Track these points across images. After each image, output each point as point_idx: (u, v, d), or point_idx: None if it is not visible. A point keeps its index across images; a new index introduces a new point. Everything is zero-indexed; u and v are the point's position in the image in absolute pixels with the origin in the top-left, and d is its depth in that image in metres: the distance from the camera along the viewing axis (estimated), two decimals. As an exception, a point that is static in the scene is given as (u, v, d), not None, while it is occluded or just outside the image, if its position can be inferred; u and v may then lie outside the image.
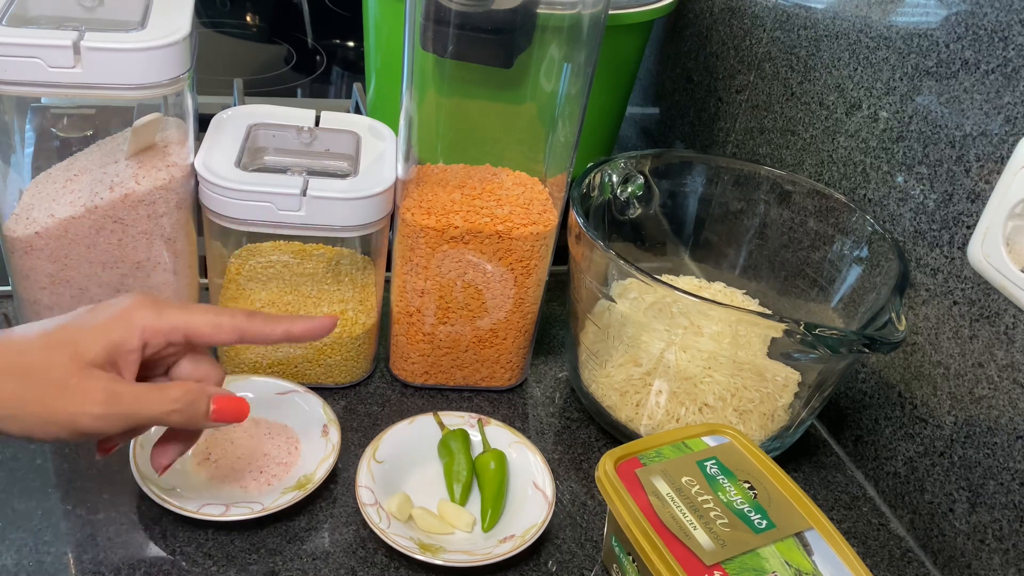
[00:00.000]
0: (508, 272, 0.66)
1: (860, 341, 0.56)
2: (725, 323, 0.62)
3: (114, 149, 0.62)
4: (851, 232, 0.70)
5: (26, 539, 0.55)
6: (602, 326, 0.69)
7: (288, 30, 1.51)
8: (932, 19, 0.64)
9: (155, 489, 0.56)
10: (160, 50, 0.56)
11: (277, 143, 0.68)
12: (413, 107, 0.61)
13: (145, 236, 0.62)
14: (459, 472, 0.62)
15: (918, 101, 0.65)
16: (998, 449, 0.59)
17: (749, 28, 0.86)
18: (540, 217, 0.65)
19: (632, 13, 0.79)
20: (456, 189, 0.65)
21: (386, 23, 0.80)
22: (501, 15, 0.58)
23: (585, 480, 0.66)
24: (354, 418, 0.68)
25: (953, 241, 0.62)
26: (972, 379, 0.61)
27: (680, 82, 1.00)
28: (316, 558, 0.57)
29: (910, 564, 0.64)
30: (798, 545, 0.50)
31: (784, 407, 0.66)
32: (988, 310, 0.59)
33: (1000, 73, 0.58)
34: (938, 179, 0.63)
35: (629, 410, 0.67)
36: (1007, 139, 0.57)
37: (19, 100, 0.59)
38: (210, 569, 0.55)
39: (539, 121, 0.65)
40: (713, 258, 0.80)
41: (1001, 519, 0.59)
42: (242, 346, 0.67)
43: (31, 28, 0.55)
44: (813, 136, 0.77)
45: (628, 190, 0.74)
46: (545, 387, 0.75)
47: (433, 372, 0.71)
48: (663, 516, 0.51)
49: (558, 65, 0.61)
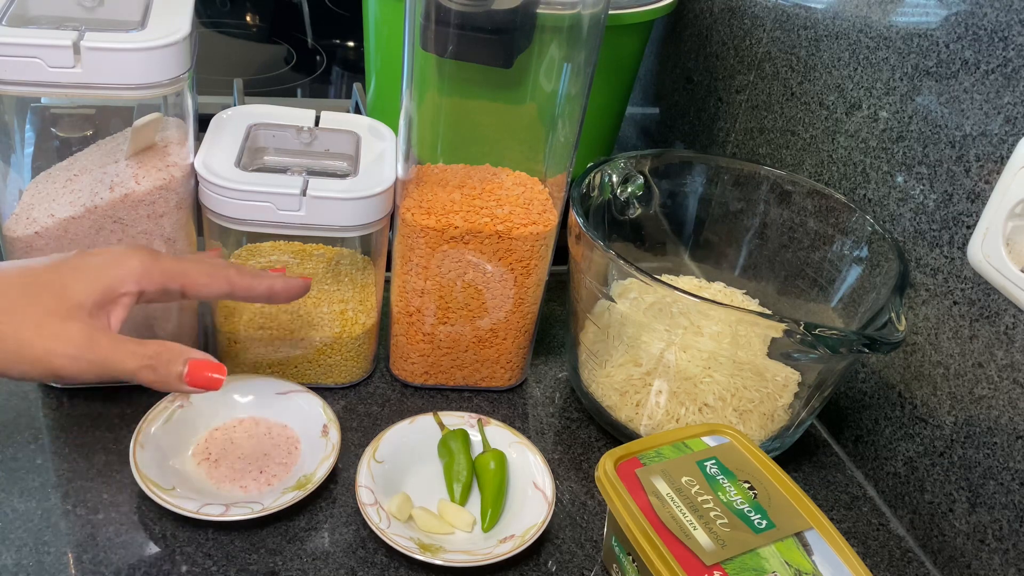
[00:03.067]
0: (508, 272, 0.66)
1: (860, 341, 0.56)
2: (725, 323, 0.62)
3: (114, 149, 0.62)
4: (851, 232, 0.70)
5: (26, 539, 0.55)
6: (602, 326, 0.69)
7: (288, 30, 1.51)
8: (932, 19, 0.64)
9: (155, 489, 0.56)
10: (160, 50, 0.56)
11: (277, 143, 0.68)
12: (413, 107, 0.61)
13: (145, 236, 0.62)
14: (459, 472, 0.62)
15: (918, 101, 0.65)
16: (998, 449, 0.59)
17: (749, 28, 0.86)
18: (540, 217, 0.65)
19: (632, 13, 0.79)
20: (456, 189, 0.65)
21: (386, 23, 0.80)
22: (501, 15, 0.58)
23: (585, 480, 0.66)
24: (354, 418, 0.68)
25: (953, 241, 0.62)
26: (972, 379, 0.61)
27: (680, 82, 1.00)
28: (316, 558, 0.57)
29: (910, 564, 0.64)
30: (798, 545, 0.50)
31: (784, 407, 0.66)
32: (988, 310, 0.59)
33: (1000, 73, 0.58)
34: (938, 179, 0.63)
35: (629, 410, 0.67)
36: (1007, 139, 0.57)
37: (19, 100, 0.59)
38: (210, 569, 0.55)
39: (539, 121, 0.65)
40: (713, 258, 0.80)
41: (1001, 519, 0.59)
42: (242, 346, 0.67)
43: (31, 28, 0.55)
44: (813, 136, 0.77)
45: (628, 190, 0.74)
46: (545, 387, 0.75)
47: (433, 372, 0.71)
48: (663, 516, 0.51)
49: (558, 65, 0.61)
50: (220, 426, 0.64)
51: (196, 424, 0.63)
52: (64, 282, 0.46)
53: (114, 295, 0.47)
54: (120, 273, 0.47)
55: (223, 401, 0.65)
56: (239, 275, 0.52)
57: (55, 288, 0.45)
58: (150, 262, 0.49)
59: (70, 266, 0.47)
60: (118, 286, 0.47)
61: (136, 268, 0.48)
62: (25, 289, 0.45)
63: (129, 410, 0.65)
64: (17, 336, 0.44)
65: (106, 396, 0.66)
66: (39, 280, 0.46)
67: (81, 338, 0.45)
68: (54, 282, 0.46)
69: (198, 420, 0.63)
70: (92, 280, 0.46)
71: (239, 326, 0.67)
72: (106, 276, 0.47)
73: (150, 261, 0.49)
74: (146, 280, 0.48)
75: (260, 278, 0.53)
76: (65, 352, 0.45)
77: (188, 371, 0.49)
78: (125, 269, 0.48)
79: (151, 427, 0.61)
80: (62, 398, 0.66)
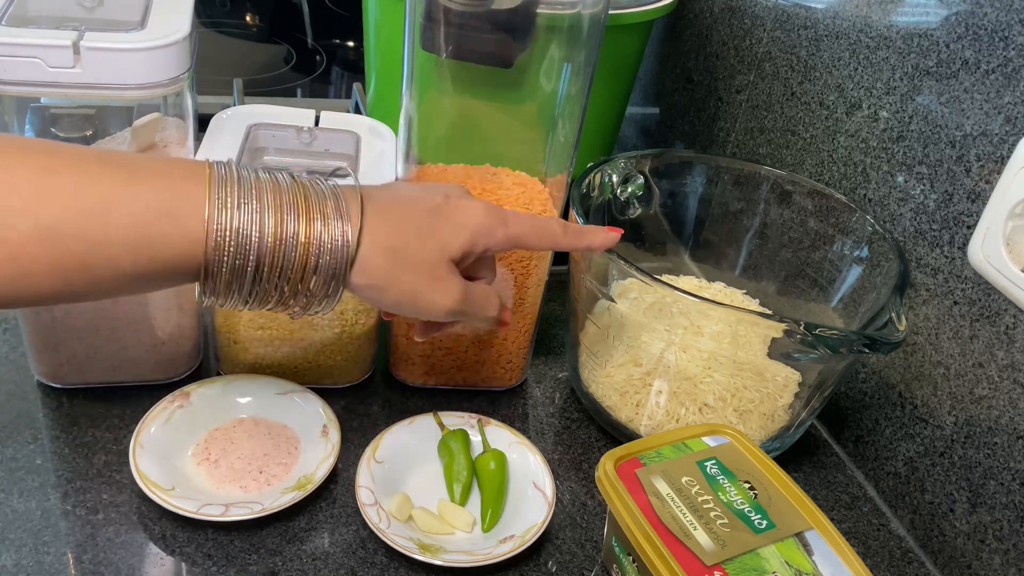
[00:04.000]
0: (508, 272, 0.66)
1: (860, 341, 0.56)
2: (725, 323, 0.62)
3: (114, 149, 0.62)
4: (851, 232, 0.70)
5: (26, 539, 0.55)
6: (602, 326, 0.69)
7: (288, 30, 1.51)
8: (932, 19, 0.63)
9: (155, 489, 0.56)
10: (160, 50, 0.56)
11: (277, 143, 0.68)
12: (413, 107, 0.61)
13: (145, 236, 0.62)
14: (459, 472, 0.62)
15: (918, 101, 0.65)
16: (998, 449, 0.59)
17: (749, 28, 0.86)
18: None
19: (632, 13, 0.79)
20: (456, 189, 0.65)
21: (386, 23, 0.80)
22: (501, 15, 0.58)
23: (585, 480, 0.66)
24: (354, 418, 0.68)
25: (953, 241, 0.62)
26: (972, 379, 0.61)
27: (680, 82, 1.00)
28: (316, 558, 0.57)
29: (910, 564, 0.64)
30: (798, 545, 0.50)
31: (784, 407, 0.66)
32: (988, 310, 0.59)
33: (1000, 73, 0.58)
34: (938, 179, 0.63)
35: (629, 410, 0.67)
36: (1007, 139, 0.57)
37: (19, 100, 0.59)
38: (210, 569, 0.55)
39: (539, 121, 0.65)
40: (713, 258, 0.80)
41: (1001, 519, 0.59)
42: (242, 347, 0.67)
43: (31, 28, 0.55)
44: (813, 136, 0.77)
45: (628, 190, 0.74)
46: (545, 387, 0.75)
47: (433, 373, 0.71)
48: (663, 516, 0.51)
49: (558, 65, 0.61)
50: (220, 426, 0.64)
51: (196, 424, 0.63)
52: (442, 234, 0.50)
53: (471, 251, 0.51)
54: (477, 232, 0.51)
55: (223, 401, 0.65)
56: (564, 233, 0.56)
57: (438, 240, 0.50)
58: (499, 225, 0.52)
59: (444, 215, 0.51)
60: (476, 246, 0.51)
61: (489, 228, 0.52)
62: (416, 235, 0.49)
63: (129, 410, 0.65)
64: (414, 284, 0.49)
65: (106, 396, 0.66)
66: (424, 226, 0.50)
67: (459, 293, 0.50)
68: (435, 232, 0.50)
69: (198, 420, 0.63)
70: (459, 236, 0.50)
71: (239, 326, 0.66)
72: (468, 233, 0.51)
73: (499, 224, 0.52)
74: (494, 242, 0.52)
75: (581, 235, 0.57)
76: (447, 306, 0.50)
77: (504, 318, 0.56)
78: (481, 228, 0.51)
79: (151, 427, 0.61)
80: (62, 398, 0.66)
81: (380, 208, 0.49)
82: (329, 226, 0.46)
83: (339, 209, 0.47)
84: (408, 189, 0.53)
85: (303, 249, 0.46)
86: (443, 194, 0.52)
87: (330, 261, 0.46)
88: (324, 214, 0.46)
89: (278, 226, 0.45)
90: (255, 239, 0.45)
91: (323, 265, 0.46)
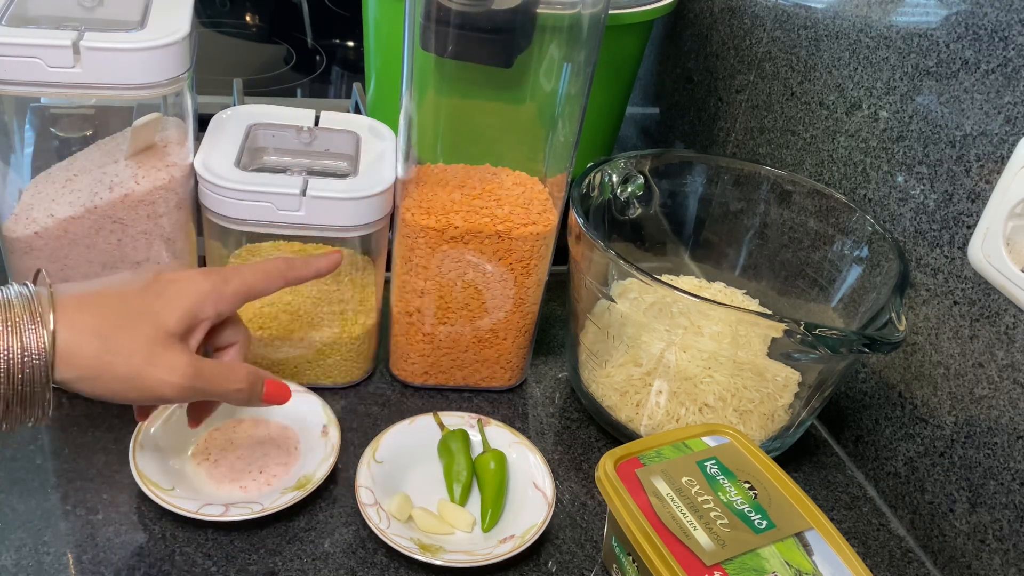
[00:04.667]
0: (508, 272, 0.66)
1: (860, 341, 0.56)
2: (725, 323, 0.62)
3: (114, 149, 0.62)
4: (851, 232, 0.70)
5: (26, 539, 0.55)
6: (602, 326, 0.69)
7: (288, 30, 1.51)
8: (932, 19, 0.63)
9: (155, 489, 0.56)
10: (160, 50, 0.56)
11: (277, 143, 0.68)
12: (413, 107, 0.61)
13: (145, 236, 0.62)
14: (459, 472, 0.62)
15: (918, 101, 0.65)
16: (998, 449, 0.59)
17: (749, 28, 0.86)
18: (540, 217, 0.65)
19: (632, 13, 0.79)
20: (456, 189, 0.65)
21: (386, 23, 0.80)
22: (501, 15, 0.58)
23: (585, 480, 0.66)
24: (354, 418, 0.68)
25: (953, 241, 0.62)
26: (972, 379, 0.61)
27: (680, 82, 1.00)
28: (316, 558, 0.57)
29: (910, 564, 0.64)
30: (798, 545, 0.50)
31: (784, 407, 0.66)
32: (988, 310, 0.59)
33: (1000, 73, 0.58)
34: (938, 179, 0.63)
35: (629, 410, 0.67)
36: (1007, 139, 0.57)
37: (19, 100, 0.59)
38: (210, 569, 0.55)
39: (539, 121, 0.65)
40: (713, 258, 0.80)
41: (1001, 519, 0.59)
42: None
43: (31, 28, 0.55)
44: (813, 136, 0.77)
45: (628, 190, 0.74)
46: (545, 387, 0.75)
47: (433, 372, 0.71)
48: (663, 516, 0.51)
49: (558, 65, 0.61)
50: (220, 426, 0.64)
51: (196, 424, 0.63)
52: (155, 309, 0.48)
53: (197, 321, 0.50)
54: (199, 299, 0.50)
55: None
56: (289, 268, 0.55)
57: (150, 316, 0.48)
58: (221, 284, 0.51)
59: (154, 292, 0.49)
60: (199, 312, 0.50)
61: (211, 292, 0.50)
62: (124, 316, 0.47)
63: (129, 410, 0.65)
64: (129, 365, 0.46)
65: (106, 396, 0.66)
66: (133, 307, 0.48)
67: (187, 368, 0.48)
68: (147, 309, 0.48)
69: (198, 420, 0.63)
70: (177, 307, 0.49)
71: (239, 326, 0.67)
72: (187, 302, 0.49)
73: (221, 283, 0.51)
74: (222, 303, 0.51)
75: (305, 266, 0.57)
76: (175, 383, 0.47)
77: (267, 392, 0.53)
78: (202, 295, 0.50)
79: (151, 427, 0.61)
80: (62, 398, 0.66)
81: (79, 299, 0.46)
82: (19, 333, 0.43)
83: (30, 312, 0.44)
84: (112, 277, 0.50)
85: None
86: (153, 272, 0.50)
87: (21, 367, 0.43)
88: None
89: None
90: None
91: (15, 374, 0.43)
